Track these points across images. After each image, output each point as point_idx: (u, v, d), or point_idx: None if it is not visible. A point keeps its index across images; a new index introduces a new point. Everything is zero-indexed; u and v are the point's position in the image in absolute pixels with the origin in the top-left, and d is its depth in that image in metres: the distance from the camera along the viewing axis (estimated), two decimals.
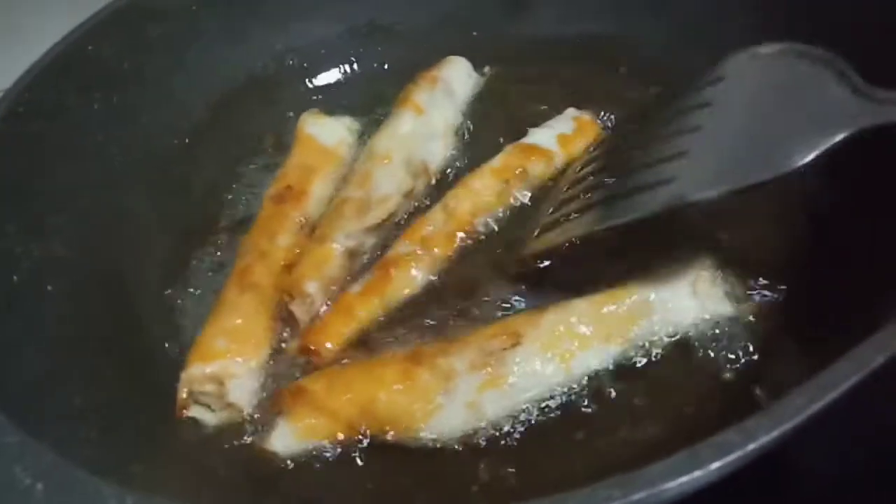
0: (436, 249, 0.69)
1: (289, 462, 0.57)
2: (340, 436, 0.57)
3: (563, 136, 0.76)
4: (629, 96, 0.80)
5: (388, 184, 0.74)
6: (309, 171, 0.78)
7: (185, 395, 0.62)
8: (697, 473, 0.33)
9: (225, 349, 0.63)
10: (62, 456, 0.40)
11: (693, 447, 0.34)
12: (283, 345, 0.66)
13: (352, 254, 0.70)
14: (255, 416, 0.62)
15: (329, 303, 0.68)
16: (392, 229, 0.73)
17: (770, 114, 0.53)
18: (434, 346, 0.60)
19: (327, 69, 0.92)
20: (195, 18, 0.83)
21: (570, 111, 0.79)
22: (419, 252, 0.68)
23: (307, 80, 0.91)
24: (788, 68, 0.54)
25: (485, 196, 0.72)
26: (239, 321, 0.66)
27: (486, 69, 0.88)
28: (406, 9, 0.91)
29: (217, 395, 0.62)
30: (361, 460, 0.57)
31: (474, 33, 0.90)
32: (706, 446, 0.34)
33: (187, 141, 0.81)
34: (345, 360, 0.63)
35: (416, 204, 0.75)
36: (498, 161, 0.74)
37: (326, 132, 0.83)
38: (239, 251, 0.72)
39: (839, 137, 0.48)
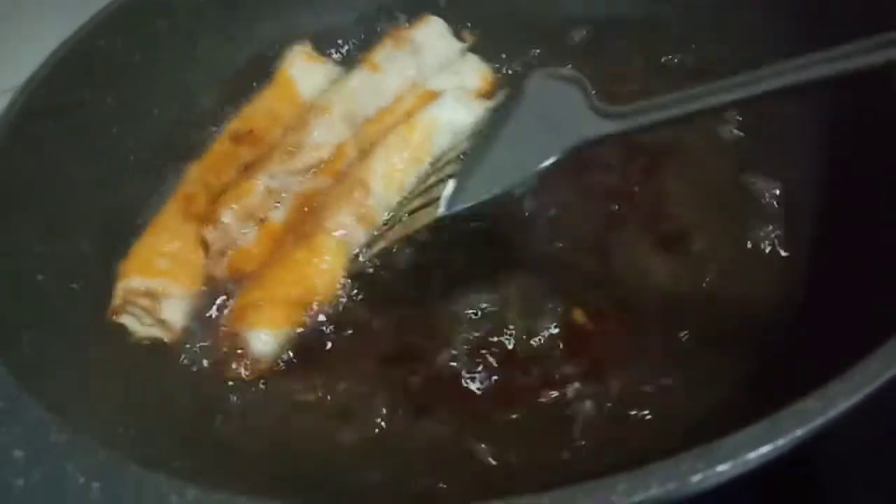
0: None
1: None
2: (304, 317, 0.64)
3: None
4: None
5: (323, 134, 0.75)
6: (274, 119, 0.79)
7: (119, 302, 0.64)
8: (781, 442, 0.32)
9: (165, 270, 0.67)
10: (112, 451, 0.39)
11: (774, 416, 0.33)
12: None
13: (271, 192, 0.72)
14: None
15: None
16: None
17: (524, 128, 0.60)
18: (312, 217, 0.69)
19: (340, 53, 0.90)
20: (203, 10, 0.81)
21: (474, 61, 0.83)
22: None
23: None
24: (551, 86, 0.61)
25: None
26: (179, 246, 0.69)
27: (466, 35, 0.86)
28: None
29: (150, 308, 0.64)
30: None
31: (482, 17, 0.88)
32: (788, 414, 0.33)
33: (201, 132, 0.79)
34: None
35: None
36: (409, 102, 0.78)
37: (308, 79, 0.83)
38: (187, 176, 0.74)
39: (559, 153, 0.56)
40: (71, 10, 0.79)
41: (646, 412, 0.54)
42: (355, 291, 0.66)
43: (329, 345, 0.63)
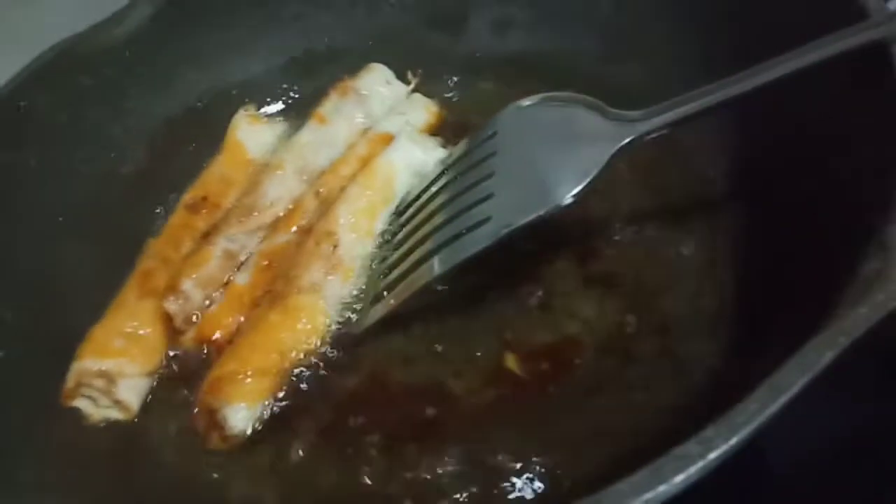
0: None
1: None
2: (281, 385, 0.64)
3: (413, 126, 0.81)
4: None
5: (278, 190, 0.77)
6: (228, 184, 0.79)
7: (72, 385, 0.64)
8: (662, 488, 0.33)
9: (121, 349, 0.66)
10: None
11: (655, 462, 0.34)
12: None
13: (231, 256, 0.72)
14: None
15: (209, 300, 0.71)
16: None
17: (545, 151, 0.62)
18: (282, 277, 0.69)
19: (270, 100, 0.91)
20: (127, 64, 0.81)
21: (420, 99, 0.85)
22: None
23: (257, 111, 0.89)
24: (548, 112, 0.65)
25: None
26: (136, 324, 0.68)
27: (410, 76, 0.88)
28: (340, 33, 0.91)
29: (105, 390, 0.64)
30: None
31: (412, 54, 0.89)
32: (669, 460, 0.34)
33: (130, 188, 0.79)
34: None
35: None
36: (363, 147, 0.79)
37: (256, 140, 0.84)
38: (145, 252, 0.74)
39: (605, 159, 0.58)
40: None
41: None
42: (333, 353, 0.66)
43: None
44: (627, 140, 0.58)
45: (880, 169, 0.45)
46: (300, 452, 0.61)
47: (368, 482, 0.58)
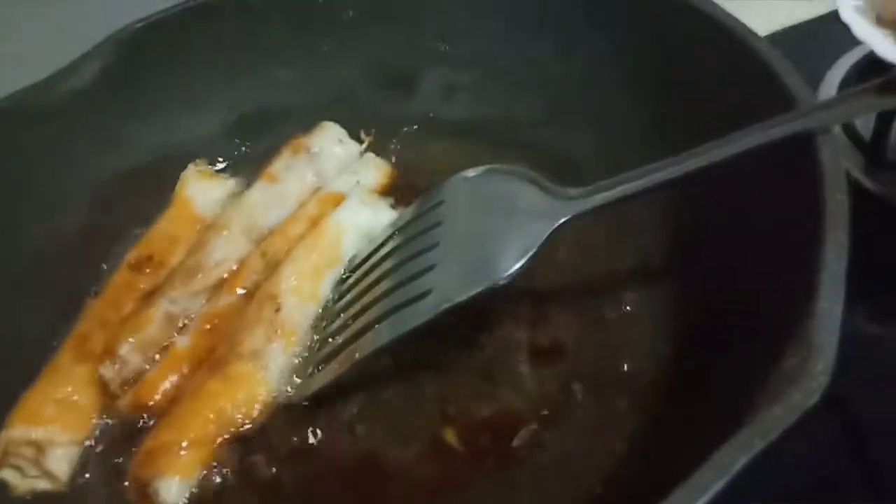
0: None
1: None
2: (216, 456, 0.62)
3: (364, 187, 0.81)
4: None
5: (223, 250, 0.76)
6: (174, 242, 0.78)
7: None
8: None
9: (53, 416, 0.65)
10: None
11: None
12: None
13: (172, 318, 0.71)
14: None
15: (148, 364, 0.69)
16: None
17: (487, 224, 0.63)
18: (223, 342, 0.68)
19: (221, 157, 0.90)
20: (74, 119, 0.80)
21: (372, 159, 0.86)
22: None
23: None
24: (492, 184, 0.66)
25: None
26: (70, 390, 0.67)
27: (363, 135, 0.89)
28: (294, 91, 0.91)
29: (33, 460, 0.63)
30: None
31: (363, 113, 0.90)
32: None
33: (71, 247, 0.78)
34: None
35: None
36: (313, 207, 0.79)
37: (204, 196, 0.83)
38: (84, 314, 0.72)
39: (544, 237, 0.59)
40: None
41: None
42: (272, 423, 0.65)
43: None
44: (566, 218, 0.59)
45: (804, 260, 0.46)
46: None
47: None
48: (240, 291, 0.73)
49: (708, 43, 0.66)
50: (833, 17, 0.72)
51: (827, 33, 0.94)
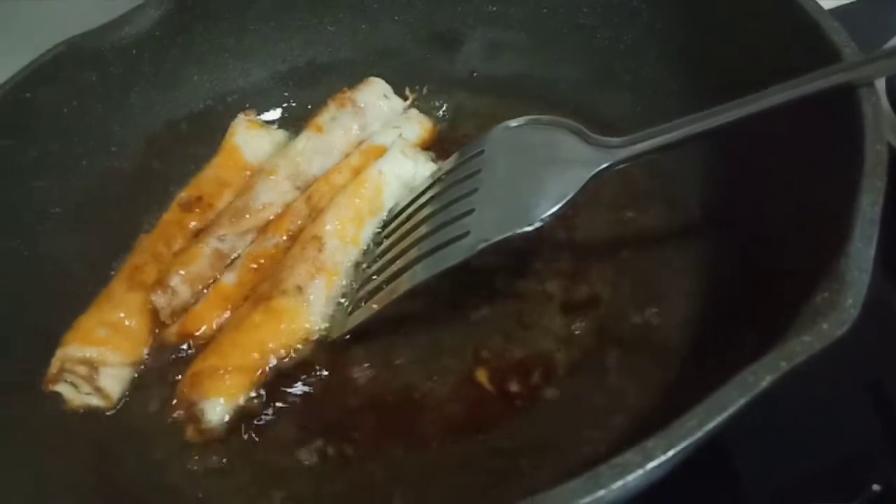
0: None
1: None
2: (258, 383, 0.66)
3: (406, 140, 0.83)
4: None
5: (270, 195, 0.79)
6: (222, 185, 0.82)
7: (55, 370, 0.66)
8: (601, 493, 0.35)
9: (105, 339, 0.68)
10: None
11: (596, 469, 0.36)
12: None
13: (220, 255, 0.75)
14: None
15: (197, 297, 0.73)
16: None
17: (527, 172, 0.64)
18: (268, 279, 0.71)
19: (270, 107, 0.93)
20: (133, 63, 0.84)
21: (416, 115, 0.87)
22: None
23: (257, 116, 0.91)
24: (534, 134, 0.67)
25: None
26: (122, 315, 0.70)
27: (407, 91, 0.91)
28: (343, 46, 0.93)
29: (87, 377, 0.66)
30: None
31: (409, 69, 0.92)
32: (609, 467, 0.36)
33: (128, 184, 0.82)
34: None
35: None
36: (356, 158, 0.82)
37: (253, 145, 0.86)
38: (136, 247, 0.76)
39: (582, 183, 0.60)
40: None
41: None
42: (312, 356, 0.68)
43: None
44: (605, 165, 0.61)
45: (841, 205, 0.47)
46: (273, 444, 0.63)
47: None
48: (284, 236, 0.76)
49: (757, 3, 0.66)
50: None
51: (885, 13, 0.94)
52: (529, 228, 0.60)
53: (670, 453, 0.36)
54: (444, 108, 0.90)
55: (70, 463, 0.62)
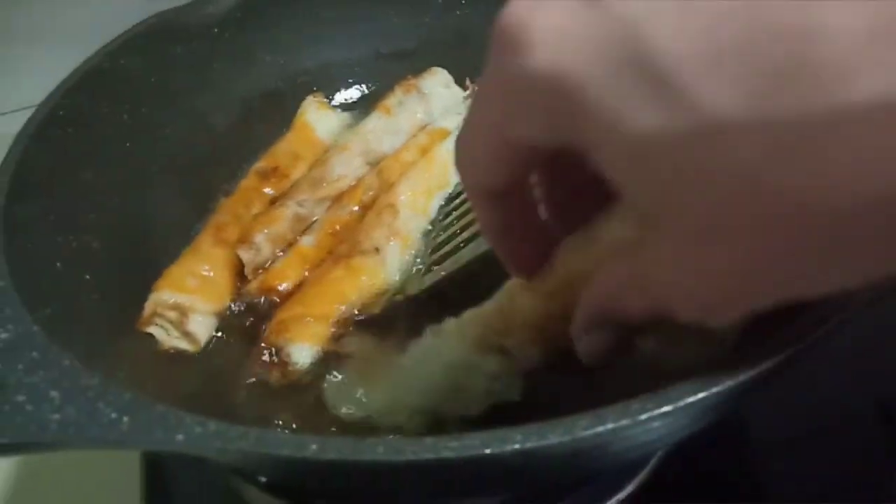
0: None
1: None
2: (338, 333, 0.70)
3: None
4: None
5: (344, 168, 0.84)
6: (296, 158, 0.87)
7: (148, 313, 0.70)
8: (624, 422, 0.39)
9: (193, 287, 0.72)
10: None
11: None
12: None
13: (300, 218, 0.80)
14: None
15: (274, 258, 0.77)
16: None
17: None
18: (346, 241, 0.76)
19: (345, 88, 0.99)
20: (215, 39, 0.89)
21: None
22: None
23: (325, 98, 0.97)
24: None
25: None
26: (208, 268, 0.75)
27: (468, 82, 0.96)
28: (409, 37, 0.99)
29: (177, 322, 0.70)
30: None
31: (472, 62, 0.95)
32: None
33: (208, 152, 0.87)
34: None
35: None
36: (423, 138, 0.87)
37: (323, 124, 0.91)
38: (219, 209, 0.81)
39: None
40: (85, 36, 0.86)
41: None
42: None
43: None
44: None
45: None
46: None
47: None
48: (357, 207, 0.81)
49: None
50: None
51: None
52: None
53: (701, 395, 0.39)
54: None
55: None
